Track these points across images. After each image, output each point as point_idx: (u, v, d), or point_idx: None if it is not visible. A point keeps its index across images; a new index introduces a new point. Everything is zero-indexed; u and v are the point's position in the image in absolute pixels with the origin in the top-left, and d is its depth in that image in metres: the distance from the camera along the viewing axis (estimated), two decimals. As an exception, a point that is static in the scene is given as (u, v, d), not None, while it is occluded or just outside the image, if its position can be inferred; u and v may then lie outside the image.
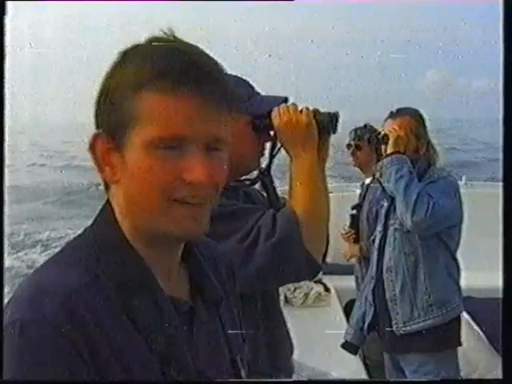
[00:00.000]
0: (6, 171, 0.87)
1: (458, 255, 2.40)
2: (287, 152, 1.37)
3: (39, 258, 9.35)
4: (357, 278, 3.38)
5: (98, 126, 0.75)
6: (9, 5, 0.85)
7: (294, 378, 1.50)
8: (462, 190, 2.36)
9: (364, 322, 2.55)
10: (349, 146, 3.23)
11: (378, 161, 3.15)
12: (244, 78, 1.39)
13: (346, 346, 2.60)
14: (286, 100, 1.40)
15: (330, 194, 1.40)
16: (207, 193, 0.74)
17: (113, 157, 0.74)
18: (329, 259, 3.64)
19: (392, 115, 2.42)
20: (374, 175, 3.19)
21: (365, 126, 3.28)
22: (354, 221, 3.27)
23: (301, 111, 1.35)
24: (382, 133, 2.39)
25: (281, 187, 1.59)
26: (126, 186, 0.74)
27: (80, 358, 0.65)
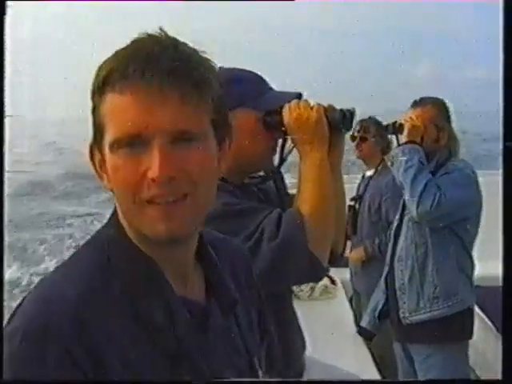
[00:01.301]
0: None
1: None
2: (297, 149, 1.33)
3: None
4: (351, 270, 3.37)
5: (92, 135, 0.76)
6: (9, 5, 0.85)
7: (305, 374, 1.49)
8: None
9: (376, 310, 2.55)
10: (353, 137, 3.22)
11: (383, 153, 3.14)
12: (257, 73, 1.36)
13: (362, 331, 2.63)
14: (299, 96, 1.36)
15: None
16: (180, 189, 0.70)
17: (105, 164, 0.74)
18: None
19: (414, 104, 2.38)
20: (376, 168, 3.18)
21: (369, 117, 3.26)
22: (353, 212, 3.26)
23: (312, 107, 1.31)
24: (398, 122, 2.35)
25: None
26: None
27: (80, 370, 0.64)
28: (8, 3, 0.85)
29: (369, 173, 3.29)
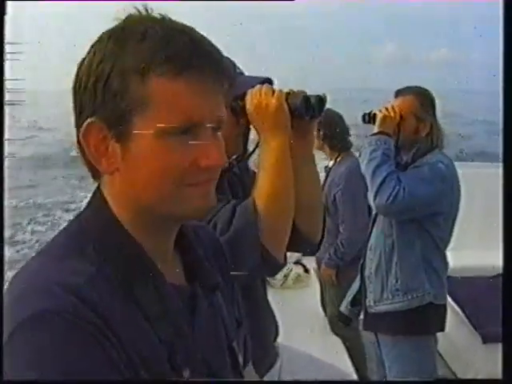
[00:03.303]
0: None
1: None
2: (259, 137, 1.26)
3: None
4: (317, 257, 3.36)
5: (88, 113, 0.70)
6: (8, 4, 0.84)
7: (278, 361, 1.49)
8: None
9: (351, 296, 2.56)
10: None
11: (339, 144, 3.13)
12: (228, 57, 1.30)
13: (340, 316, 2.62)
14: (268, 81, 1.30)
15: None
16: (217, 172, 0.74)
17: (110, 146, 0.70)
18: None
19: (397, 93, 2.33)
20: (335, 158, 3.17)
21: (326, 109, 3.24)
22: None
23: (273, 93, 1.23)
24: (373, 112, 2.32)
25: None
26: (128, 174, 0.71)
27: (108, 343, 0.63)
28: (8, 3, 0.84)
29: (330, 164, 3.27)
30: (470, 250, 3.67)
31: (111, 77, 0.67)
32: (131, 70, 0.67)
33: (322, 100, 1.29)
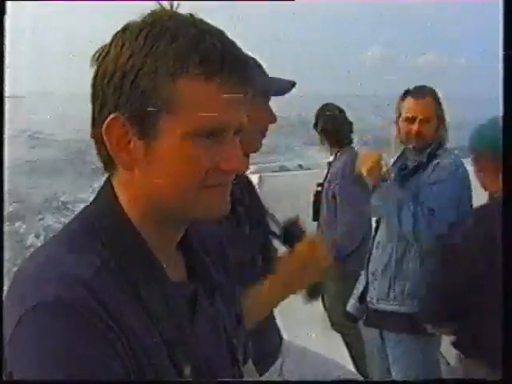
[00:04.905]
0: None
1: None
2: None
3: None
4: None
5: (111, 107, 0.69)
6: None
7: (280, 357, 1.50)
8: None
9: (358, 293, 2.51)
10: (314, 125, 3.21)
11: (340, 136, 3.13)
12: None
13: (346, 315, 2.59)
14: (293, 85, 1.39)
15: (295, 172, 1.37)
16: (234, 176, 0.75)
17: (132, 142, 0.69)
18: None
19: (414, 95, 2.28)
20: (336, 153, 3.17)
21: (326, 104, 3.25)
22: (316, 198, 3.26)
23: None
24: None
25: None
26: (148, 172, 0.70)
27: (114, 336, 0.63)
28: (8, 3, 0.83)
29: (331, 158, 3.28)
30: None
31: (140, 75, 0.66)
32: (162, 70, 0.66)
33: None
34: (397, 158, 2.43)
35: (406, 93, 2.31)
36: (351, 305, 2.55)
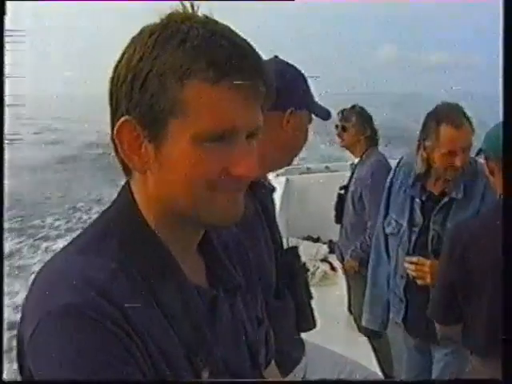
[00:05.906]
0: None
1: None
2: None
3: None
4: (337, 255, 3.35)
5: (123, 110, 0.69)
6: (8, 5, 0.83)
7: (304, 358, 1.50)
8: None
9: (389, 311, 2.38)
10: (336, 126, 3.20)
11: (369, 141, 3.09)
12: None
13: (369, 332, 2.55)
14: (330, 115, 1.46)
15: (322, 174, 1.39)
16: (247, 182, 0.73)
17: (143, 145, 0.69)
18: (335, 238, 3.60)
19: (452, 123, 2.00)
20: (361, 155, 3.14)
21: (353, 106, 3.23)
22: (339, 201, 3.24)
23: None
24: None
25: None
26: (159, 176, 0.70)
27: (129, 341, 0.63)
28: (8, 3, 0.83)
29: (355, 161, 3.26)
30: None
31: (149, 77, 0.66)
32: (170, 72, 0.66)
33: None
34: (414, 181, 2.20)
35: (439, 118, 2.05)
36: (372, 322, 2.47)
